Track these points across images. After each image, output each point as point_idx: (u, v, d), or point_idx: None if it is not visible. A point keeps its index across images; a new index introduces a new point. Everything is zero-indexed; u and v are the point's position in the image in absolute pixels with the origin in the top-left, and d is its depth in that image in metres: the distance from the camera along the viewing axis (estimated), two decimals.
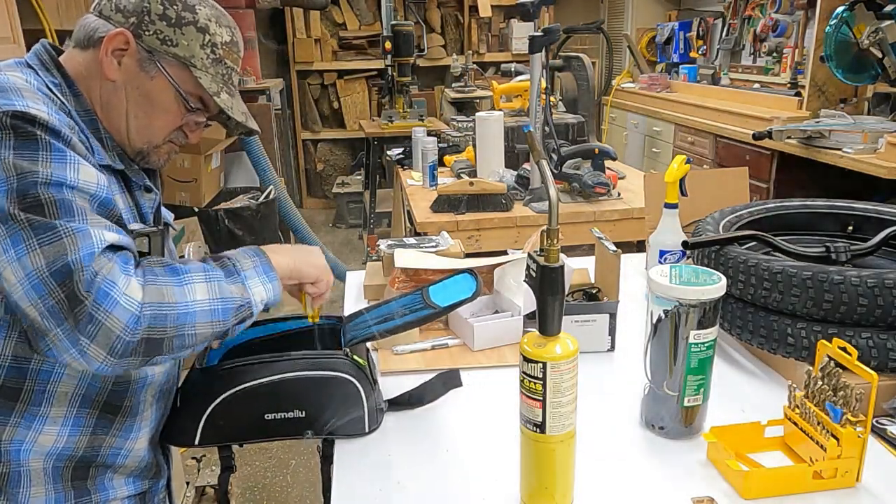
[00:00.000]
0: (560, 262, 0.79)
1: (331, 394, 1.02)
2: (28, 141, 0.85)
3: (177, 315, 0.87)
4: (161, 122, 1.04)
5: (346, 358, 1.03)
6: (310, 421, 1.02)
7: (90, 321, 0.81)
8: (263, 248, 1.02)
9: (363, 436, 1.04)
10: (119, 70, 1.00)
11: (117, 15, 1.00)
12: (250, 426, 1.02)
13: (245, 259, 0.98)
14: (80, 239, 0.83)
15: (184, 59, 1.01)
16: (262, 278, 0.97)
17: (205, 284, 0.91)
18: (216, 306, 0.91)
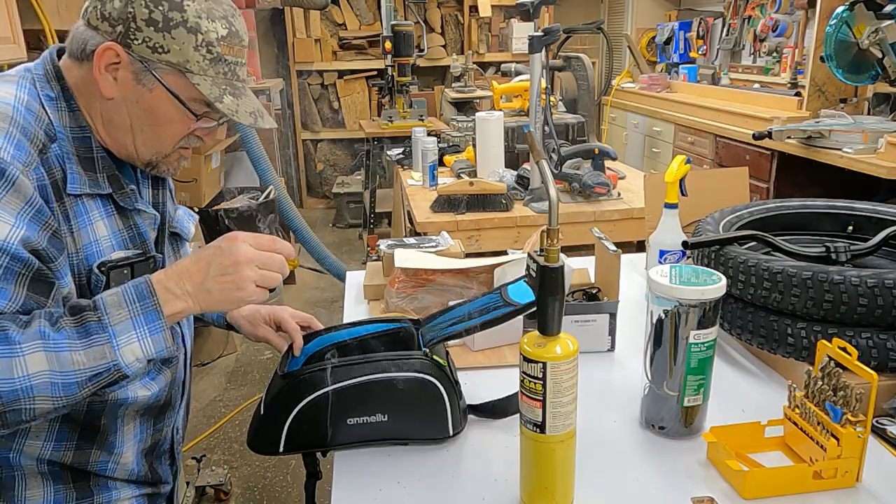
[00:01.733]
0: (560, 262, 0.79)
1: (412, 396, 0.99)
2: None
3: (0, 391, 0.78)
4: (168, 133, 1.00)
5: (426, 358, 1.00)
6: (393, 424, 0.99)
7: None
8: (161, 277, 0.89)
9: (447, 440, 1.02)
10: (116, 86, 0.96)
11: (104, 24, 0.94)
12: (333, 431, 0.99)
13: (119, 308, 0.86)
14: None
15: (178, 66, 0.95)
16: (140, 331, 0.86)
17: (42, 354, 0.80)
18: (56, 380, 0.81)
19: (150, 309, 0.86)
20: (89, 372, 0.82)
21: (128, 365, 0.84)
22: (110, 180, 0.99)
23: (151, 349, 0.86)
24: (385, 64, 4.40)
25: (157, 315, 0.87)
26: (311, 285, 4.34)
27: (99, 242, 0.99)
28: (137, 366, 0.86)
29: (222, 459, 2.58)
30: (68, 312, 0.85)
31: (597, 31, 2.78)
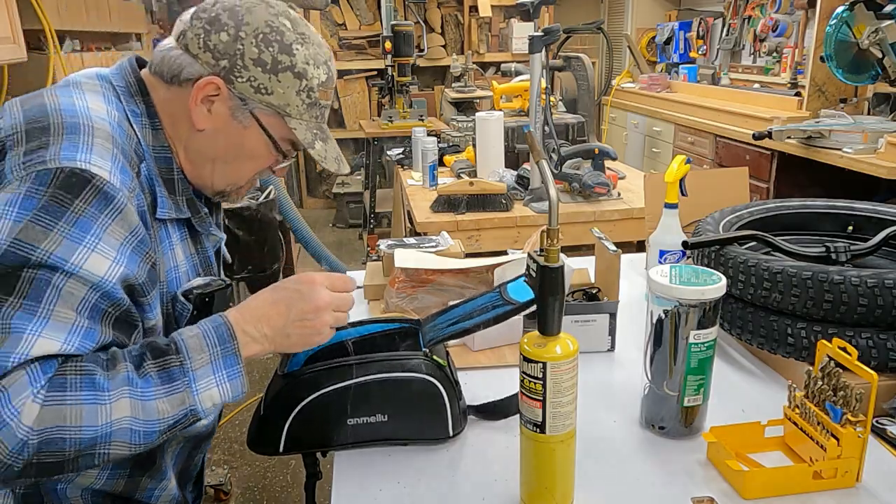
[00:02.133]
0: (560, 262, 0.79)
1: (411, 395, 0.99)
2: (58, 207, 0.78)
3: (80, 440, 0.75)
4: (249, 167, 0.99)
5: (426, 358, 1.00)
6: (392, 425, 0.99)
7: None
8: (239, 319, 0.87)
9: (447, 440, 1.02)
10: (209, 118, 0.94)
11: (206, 55, 0.91)
12: (333, 432, 0.99)
13: (200, 352, 0.84)
14: (7, 343, 0.74)
15: (278, 108, 0.94)
16: (219, 376, 0.84)
17: (127, 401, 0.78)
18: (138, 427, 0.79)
19: (229, 353, 0.85)
20: (171, 420, 0.81)
21: (204, 410, 0.84)
22: (188, 203, 0.98)
23: (229, 394, 0.85)
24: (385, 64, 4.41)
25: (236, 360, 0.86)
26: None
27: (178, 269, 0.97)
28: (212, 410, 0.86)
29: (222, 459, 2.58)
30: (150, 354, 0.82)
31: (597, 31, 2.78)
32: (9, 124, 0.85)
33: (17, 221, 0.77)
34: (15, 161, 0.81)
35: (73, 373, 0.77)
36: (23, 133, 0.83)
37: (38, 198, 0.78)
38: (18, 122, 0.85)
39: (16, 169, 0.80)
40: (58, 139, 0.82)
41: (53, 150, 0.81)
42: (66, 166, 0.80)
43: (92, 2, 3.07)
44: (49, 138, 0.82)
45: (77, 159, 0.81)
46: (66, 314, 0.78)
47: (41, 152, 0.81)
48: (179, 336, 0.85)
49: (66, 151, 0.81)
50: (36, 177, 0.79)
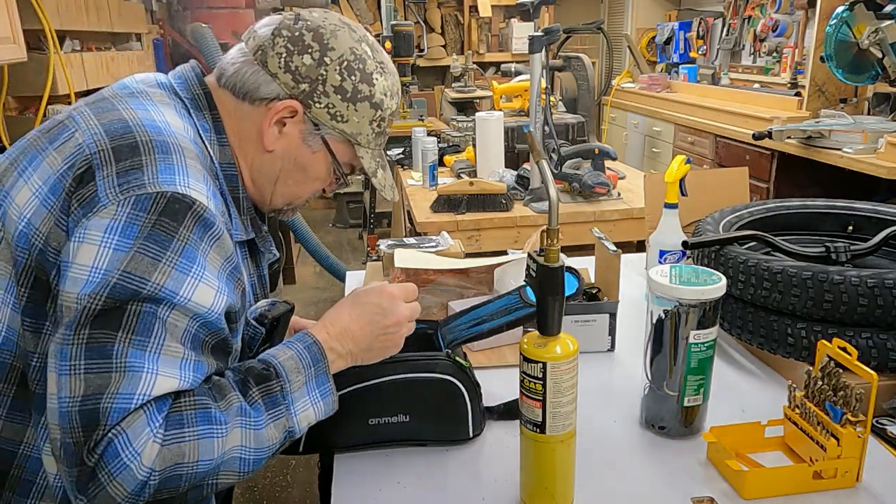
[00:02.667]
0: (560, 262, 0.79)
1: (433, 396, 0.99)
2: (165, 235, 0.76)
3: (196, 474, 0.75)
4: (309, 188, 0.99)
5: (448, 359, 1.00)
6: (414, 425, 0.99)
7: (92, 480, 0.71)
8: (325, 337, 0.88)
9: (467, 441, 1.02)
10: (279, 139, 0.92)
11: (286, 76, 0.89)
12: (354, 431, 0.99)
13: (297, 374, 0.84)
14: (126, 382, 0.72)
15: (350, 136, 0.94)
16: (313, 396, 0.85)
17: (239, 431, 0.78)
18: (248, 456, 0.79)
19: (321, 373, 0.87)
20: (277, 445, 0.82)
21: (300, 430, 0.85)
22: (252, 223, 0.96)
23: (321, 412, 0.86)
24: None
25: (327, 378, 0.87)
26: (311, 285, 4.34)
27: (246, 291, 0.95)
28: (306, 429, 0.86)
29: None
30: (253, 381, 0.82)
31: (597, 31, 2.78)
32: (90, 140, 0.81)
33: (121, 251, 0.74)
34: (108, 183, 0.77)
35: (189, 408, 0.76)
36: (109, 151, 0.79)
37: (141, 225, 0.75)
38: (100, 137, 0.81)
39: (111, 192, 0.76)
40: (151, 160, 0.79)
41: (150, 172, 0.78)
42: (167, 191, 0.77)
43: (92, 2, 3.07)
44: (142, 158, 0.79)
45: (177, 183, 0.78)
46: (174, 347, 0.76)
47: (136, 174, 0.77)
48: (275, 360, 0.84)
49: (163, 175, 0.78)
50: (136, 202, 0.76)
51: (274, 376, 0.83)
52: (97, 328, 0.73)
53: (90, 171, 0.78)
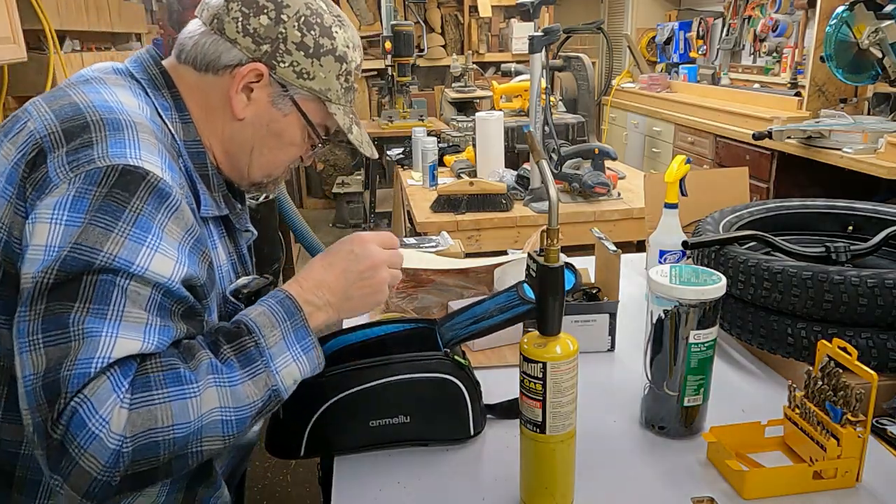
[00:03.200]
0: (560, 262, 0.79)
1: (434, 396, 0.98)
2: (117, 206, 0.74)
3: (173, 440, 0.71)
4: (286, 157, 0.96)
5: (447, 358, 1.00)
6: (415, 425, 0.99)
7: (63, 455, 0.68)
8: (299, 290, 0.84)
9: (468, 440, 1.02)
10: (248, 106, 0.90)
11: (246, 39, 0.87)
12: (355, 434, 0.99)
13: (272, 329, 0.80)
14: (85, 348, 0.69)
15: (319, 94, 0.92)
16: (293, 351, 0.81)
17: (214, 390, 0.75)
18: (229, 417, 0.75)
19: (299, 326, 0.82)
20: (259, 403, 0.78)
21: (286, 388, 0.81)
22: (224, 199, 0.95)
23: (306, 368, 0.83)
24: (385, 64, 4.41)
25: (307, 332, 0.83)
26: None
27: (222, 268, 0.95)
28: (292, 388, 0.82)
29: None
30: (224, 339, 0.79)
31: (597, 31, 2.78)
32: (41, 126, 0.80)
33: (73, 224, 0.73)
34: (59, 162, 0.76)
35: (156, 370, 0.73)
36: (60, 133, 0.78)
37: (92, 198, 0.74)
38: (51, 122, 0.80)
39: (61, 170, 0.75)
40: (101, 136, 0.77)
41: (100, 147, 0.76)
42: (117, 164, 0.75)
43: (92, 2, 3.07)
44: (92, 136, 0.77)
45: (128, 156, 0.76)
46: (137, 314, 0.74)
47: (87, 151, 0.76)
48: (246, 317, 0.81)
49: (114, 149, 0.77)
50: (86, 176, 0.74)
51: (245, 332, 0.79)
52: (53, 301, 0.71)
53: (42, 155, 0.77)
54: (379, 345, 1.11)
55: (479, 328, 1.04)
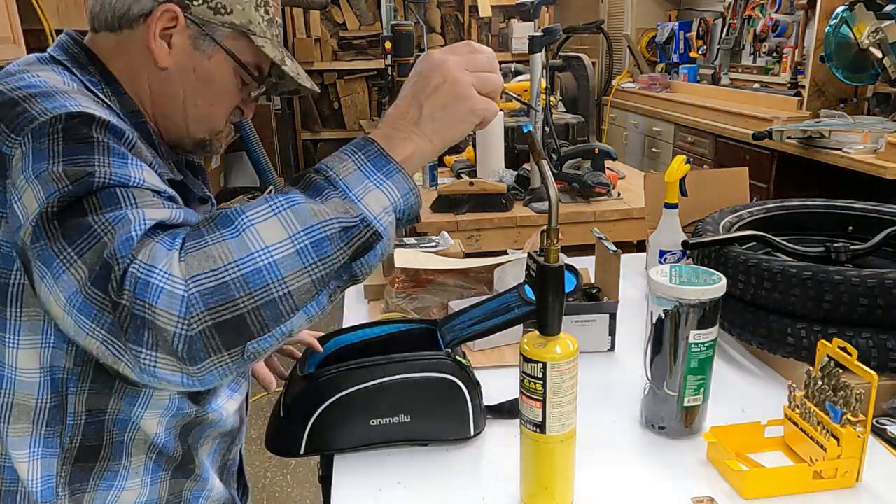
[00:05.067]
0: (560, 262, 0.79)
1: (435, 396, 0.98)
2: (82, 145, 0.70)
3: (243, 278, 0.63)
4: (222, 105, 0.91)
5: (448, 358, 1.00)
6: (415, 425, 0.99)
7: (138, 324, 0.62)
8: (376, 131, 0.74)
9: (468, 440, 1.02)
10: (170, 54, 0.85)
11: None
12: (355, 433, 0.99)
13: (342, 161, 0.70)
14: (119, 227, 0.65)
15: (241, 28, 0.86)
16: (375, 178, 0.70)
17: (273, 219, 0.66)
18: (302, 242, 0.65)
19: (375, 155, 0.71)
20: (336, 223, 0.66)
21: (376, 217, 0.69)
22: (176, 166, 0.90)
23: (395, 193, 0.71)
24: (385, 64, 4.40)
25: (387, 159, 0.71)
26: None
27: None
28: (387, 219, 0.70)
29: None
30: (288, 184, 0.71)
31: (597, 31, 2.78)
32: None
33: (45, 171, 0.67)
34: (2, 139, 0.72)
35: (204, 223, 0.67)
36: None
37: (49, 147, 0.69)
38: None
39: (8, 141, 0.71)
40: (34, 102, 0.73)
41: (37, 108, 0.72)
42: (60, 112, 0.71)
43: None
44: (24, 105, 0.73)
45: (69, 106, 0.72)
46: (153, 201, 0.69)
47: (23, 116, 0.72)
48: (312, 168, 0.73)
49: (51, 104, 0.73)
50: (35, 133, 0.70)
51: (311, 171, 0.71)
52: (65, 218, 0.66)
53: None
54: (379, 345, 1.11)
55: (480, 329, 1.04)
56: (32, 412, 0.81)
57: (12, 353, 0.79)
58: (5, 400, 0.81)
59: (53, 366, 0.80)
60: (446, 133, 0.75)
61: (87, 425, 0.82)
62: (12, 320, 0.78)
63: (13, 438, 0.82)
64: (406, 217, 0.73)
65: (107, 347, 0.64)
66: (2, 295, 0.77)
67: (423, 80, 0.75)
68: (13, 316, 0.78)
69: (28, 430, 0.82)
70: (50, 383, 0.80)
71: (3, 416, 0.81)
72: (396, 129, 0.74)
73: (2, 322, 0.78)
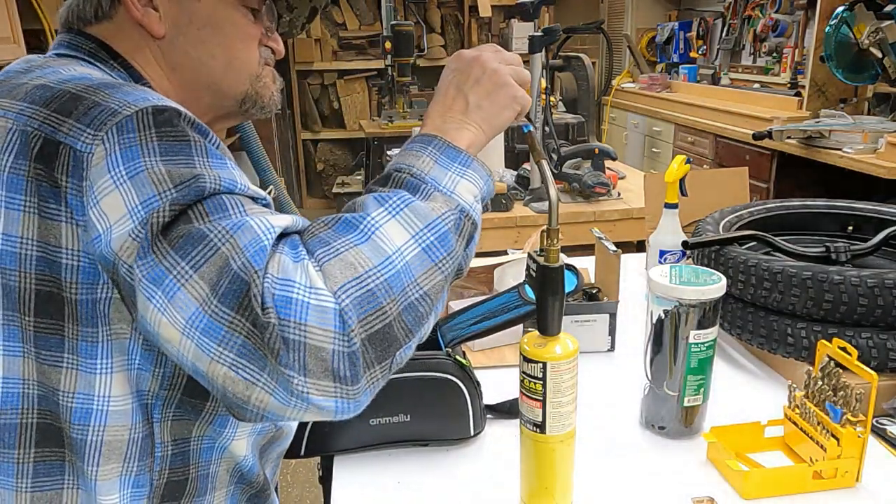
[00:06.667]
0: (560, 262, 0.79)
1: (435, 396, 0.98)
2: (179, 143, 0.63)
3: (386, 282, 0.60)
4: (243, 46, 0.82)
5: (449, 358, 0.99)
6: (415, 425, 0.99)
7: (290, 347, 0.56)
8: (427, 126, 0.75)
9: (468, 440, 1.01)
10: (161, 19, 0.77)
11: None
12: (355, 433, 0.98)
13: (417, 157, 0.69)
14: (242, 236, 0.59)
15: None
16: (454, 169, 0.70)
17: (394, 220, 0.63)
18: (427, 239, 0.64)
19: (445, 147, 0.71)
20: (451, 216, 0.66)
21: (472, 207, 0.70)
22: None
23: (479, 181, 0.72)
24: (385, 64, 4.40)
25: (457, 150, 0.72)
26: None
27: None
28: (478, 207, 0.71)
29: None
30: (376, 186, 0.69)
31: (597, 31, 2.78)
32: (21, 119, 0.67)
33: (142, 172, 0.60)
34: (76, 133, 0.63)
35: (322, 228, 0.64)
36: (52, 114, 0.65)
37: (141, 143, 0.62)
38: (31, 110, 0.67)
39: (85, 136, 0.63)
40: (103, 95, 0.66)
41: (112, 101, 0.65)
42: (145, 106, 0.64)
43: None
44: (92, 98, 0.65)
45: (149, 99, 0.66)
46: (253, 208, 0.64)
47: (98, 110, 0.64)
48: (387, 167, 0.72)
49: (129, 97, 0.65)
50: (119, 129, 0.63)
51: (394, 171, 0.69)
52: (174, 230, 0.59)
53: (49, 142, 0.64)
54: None
55: (480, 328, 1.04)
56: (124, 447, 0.71)
57: (104, 380, 0.68)
58: (95, 438, 0.70)
59: (139, 390, 0.71)
60: (494, 120, 0.77)
61: (173, 456, 0.75)
62: (104, 341, 0.68)
63: (102, 482, 0.71)
64: (486, 202, 0.74)
65: (236, 373, 0.57)
66: (91, 314, 0.66)
67: (462, 75, 0.77)
68: (105, 336, 0.67)
69: (118, 470, 0.72)
70: (140, 410, 0.71)
71: (92, 457, 0.70)
72: (447, 122, 0.75)
73: (92, 347, 0.67)
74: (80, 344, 0.67)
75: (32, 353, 0.68)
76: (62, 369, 0.68)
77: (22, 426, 0.70)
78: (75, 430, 0.69)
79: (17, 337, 0.68)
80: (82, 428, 0.69)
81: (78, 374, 0.68)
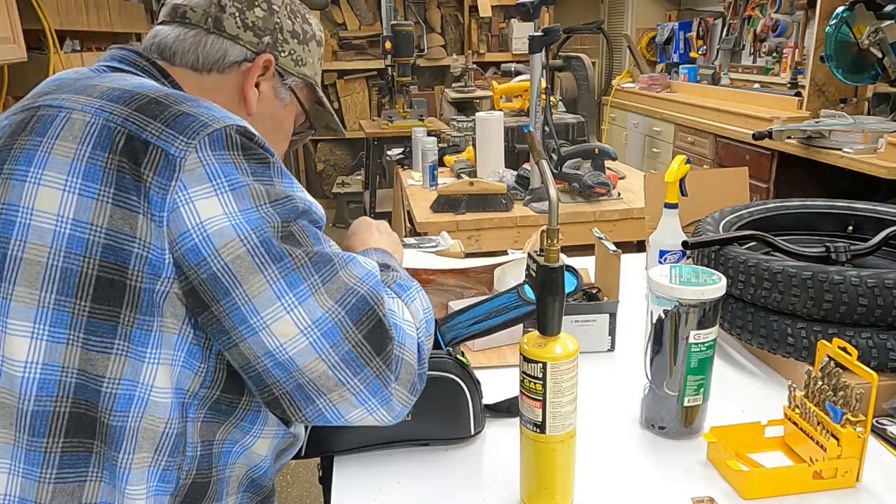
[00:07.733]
0: (560, 262, 0.79)
1: (435, 394, 0.98)
2: (262, 165, 0.73)
3: (426, 327, 0.83)
4: (283, 148, 0.96)
5: (449, 357, 1.00)
6: (415, 424, 0.98)
7: (398, 363, 0.75)
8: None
9: (468, 439, 1.02)
10: (259, 100, 0.89)
11: (247, 34, 0.87)
12: (355, 433, 0.98)
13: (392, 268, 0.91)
14: (356, 268, 0.75)
15: (311, 79, 0.94)
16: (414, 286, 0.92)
17: (418, 297, 0.86)
18: (429, 316, 0.86)
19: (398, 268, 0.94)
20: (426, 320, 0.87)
21: None
22: None
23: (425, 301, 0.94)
24: (385, 64, 4.41)
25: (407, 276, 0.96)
26: None
27: None
28: None
29: None
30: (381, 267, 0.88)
31: (597, 31, 2.78)
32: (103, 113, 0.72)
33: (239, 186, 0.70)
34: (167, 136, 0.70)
35: (387, 282, 0.84)
36: (135, 113, 0.72)
37: (233, 159, 0.71)
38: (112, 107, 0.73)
39: (178, 143, 0.70)
40: (185, 105, 0.73)
41: (197, 111, 0.73)
42: (230, 123, 0.73)
43: (92, 2, 3.07)
44: (174, 107, 0.73)
45: (231, 116, 0.75)
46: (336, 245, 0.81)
47: (185, 119, 0.72)
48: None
49: (211, 111, 0.74)
50: (211, 142, 0.71)
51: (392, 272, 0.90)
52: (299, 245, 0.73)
53: (135, 138, 0.70)
54: None
55: (480, 328, 1.04)
56: (157, 438, 0.73)
57: (151, 369, 0.72)
58: (133, 425, 0.72)
59: (178, 387, 0.74)
60: (397, 254, 1.06)
61: (201, 458, 0.77)
62: (156, 331, 0.71)
63: (133, 471, 0.73)
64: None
65: (333, 372, 0.72)
66: (150, 303, 0.70)
67: (364, 230, 1.07)
68: (157, 326, 0.71)
69: (148, 460, 0.73)
70: (177, 406, 0.74)
71: (128, 444, 0.72)
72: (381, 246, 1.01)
73: (145, 335, 0.71)
74: (133, 331, 0.71)
75: (80, 339, 0.70)
76: (111, 355, 0.71)
77: (54, 414, 0.71)
78: (115, 417, 0.71)
79: (65, 323, 0.70)
80: (122, 415, 0.71)
81: (126, 360, 0.71)
